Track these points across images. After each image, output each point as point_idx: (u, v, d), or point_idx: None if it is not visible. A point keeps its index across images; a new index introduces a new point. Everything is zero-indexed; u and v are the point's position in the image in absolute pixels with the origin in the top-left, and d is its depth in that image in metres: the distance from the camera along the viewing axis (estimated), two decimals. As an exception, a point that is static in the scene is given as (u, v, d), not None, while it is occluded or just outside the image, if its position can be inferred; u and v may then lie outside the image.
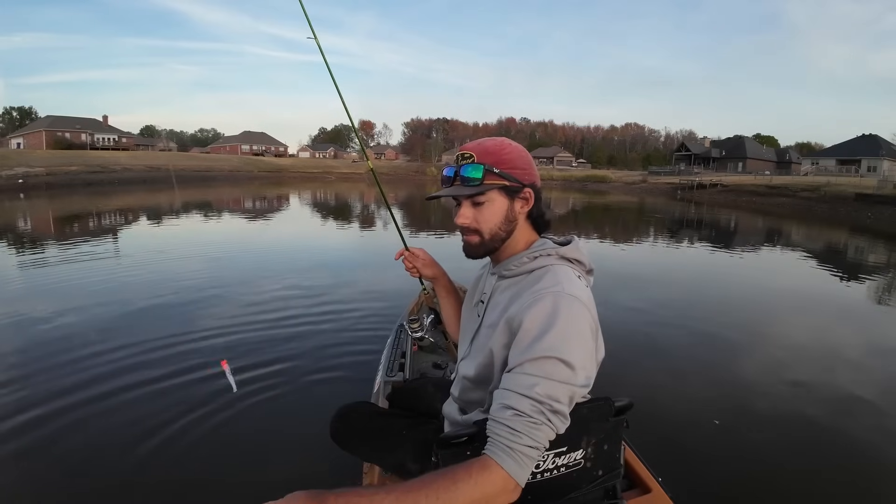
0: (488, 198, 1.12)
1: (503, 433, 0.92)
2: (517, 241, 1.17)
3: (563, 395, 0.94)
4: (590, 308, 1.03)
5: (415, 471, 1.31)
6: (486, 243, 1.15)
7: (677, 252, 11.12)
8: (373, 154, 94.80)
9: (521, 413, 0.92)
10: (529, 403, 0.93)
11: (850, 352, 4.42)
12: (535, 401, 0.93)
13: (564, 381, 0.94)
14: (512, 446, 0.91)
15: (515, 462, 0.90)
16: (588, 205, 28.50)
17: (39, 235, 10.65)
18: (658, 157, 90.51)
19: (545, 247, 1.14)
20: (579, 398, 1.04)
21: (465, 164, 1.13)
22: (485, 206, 1.13)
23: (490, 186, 1.11)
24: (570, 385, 0.95)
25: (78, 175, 32.72)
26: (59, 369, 3.40)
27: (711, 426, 2.94)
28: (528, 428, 0.91)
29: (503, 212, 1.13)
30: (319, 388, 3.26)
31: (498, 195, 1.12)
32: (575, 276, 1.09)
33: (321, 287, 5.98)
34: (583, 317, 1.00)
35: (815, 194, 27.19)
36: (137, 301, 5.04)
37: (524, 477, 0.92)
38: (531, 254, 1.13)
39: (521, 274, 1.13)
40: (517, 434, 0.91)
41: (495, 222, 1.13)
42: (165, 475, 2.36)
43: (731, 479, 2.43)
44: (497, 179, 1.11)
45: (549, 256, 1.12)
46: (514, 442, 0.91)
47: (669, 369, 3.80)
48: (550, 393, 0.93)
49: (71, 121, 61.88)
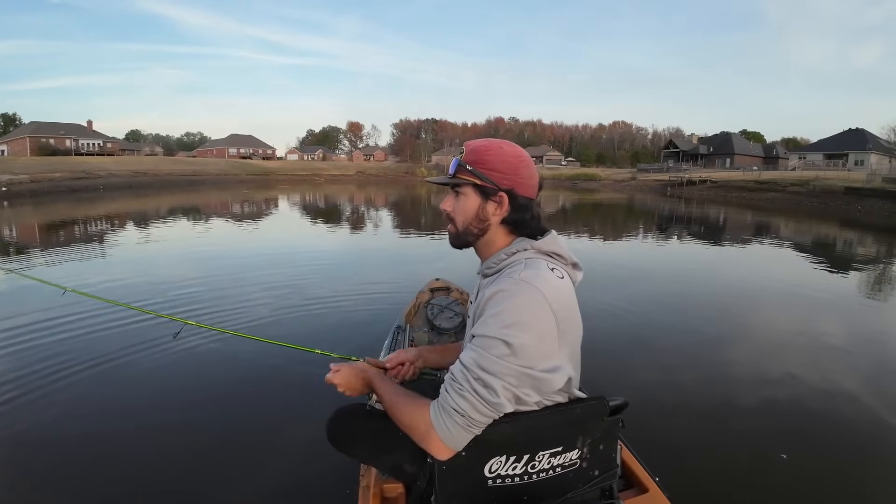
0: (464, 191, 1.22)
1: (442, 391, 1.09)
2: (494, 242, 1.24)
3: (496, 369, 1.02)
4: (548, 296, 1.06)
5: (411, 472, 1.31)
6: (459, 234, 1.25)
7: (669, 248, 11.18)
8: (361, 155, 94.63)
9: (453, 377, 1.08)
10: (460, 369, 1.07)
11: (857, 348, 4.42)
12: (464, 367, 1.06)
13: (499, 357, 1.02)
14: (441, 403, 1.08)
15: (439, 416, 1.07)
16: (579, 202, 28.62)
17: (26, 244, 10.49)
18: (646, 154, 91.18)
19: (522, 244, 1.20)
20: (551, 391, 1.09)
21: (455, 157, 1.24)
22: (461, 198, 1.23)
23: (462, 181, 1.21)
24: (508, 363, 1.02)
25: (62, 182, 32.28)
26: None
27: (709, 425, 2.94)
28: (454, 391, 1.06)
29: (475, 209, 1.21)
30: (316, 389, 3.23)
31: (472, 191, 1.21)
32: (545, 267, 1.12)
33: (319, 288, 5.97)
34: (534, 303, 1.04)
35: (805, 189, 27.44)
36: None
37: (448, 437, 1.06)
38: (509, 250, 1.19)
39: (498, 271, 1.18)
40: (446, 394, 1.07)
41: (467, 216, 1.22)
42: (162, 475, 2.35)
43: (729, 478, 2.43)
44: (468, 176, 1.20)
45: (526, 251, 1.17)
46: (443, 400, 1.07)
47: (665, 368, 3.79)
48: (481, 364, 1.03)
49: (55, 126, 61.36)
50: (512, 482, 1.16)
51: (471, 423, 1.04)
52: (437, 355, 1.58)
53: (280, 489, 2.26)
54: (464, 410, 1.04)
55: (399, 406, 1.19)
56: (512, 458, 1.14)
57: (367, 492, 1.52)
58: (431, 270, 5.52)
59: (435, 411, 1.09)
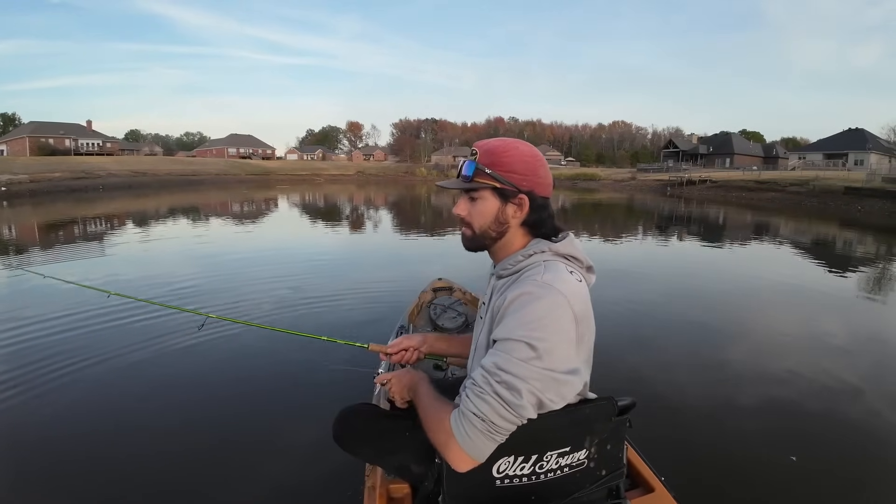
0: (481, 195, 1.17)
1: (462, 397, 1.05)
2: (512, 243, 1.20)
3: (521, 372, 0.98)
4: (570, 300, 1.04)
5: (418, 472, 1.31)
6: (476, 238, 1.21)
7: (669, 248, 11.18)
8: (361, 155, 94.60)
9: (474, 382, 1.03)
10: (480, 374, 1.03)
11: (860, 347, 4.40)
12: (486, 371, 1.02)
13: (522, 360, 0.98)
14: (462, 409, 1.03)
15: (459, 422, 1.02)
16: (578, 202, 28.60)
17: (25, 244, 10.48)
18: (646, 154, 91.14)
19: (539, 245, 1.16)
20: (572, 395, 1.07)
21: (467, 160, 1.19)
22: (478, 203, 1.18)
23: (480, 185, 1.16)
24: (533, 367, 0.98)
25: (62, 182, 32.26)
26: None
27: (713, 424, 2.93)
28: (474, 395, 1.01)
29: (494, 212, 1.17)
30: (321, 389, 3.24)
31: (490, 195, 1.16)
32: (565, 270, 1.11)
33: (320, 289, 5.96)
34: (558, 306, 1.02)
35: (805, 188, 27.43)
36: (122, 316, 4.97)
37: (468, 444, 1.01)
38: (526, 252, 1.16)
39: (516, 272, 1.15)
40: (466, 399, 1.03)
41: (485, 220, 1.18)
42: (165, 474, 2.35)
43: (734, 477, 2.42)
44: (487, 179, 1.15)
45: (543, 253, 1.15)
46: (463, 405, 1.03)
47: (668, 367, 3.79)
48: (505, 367, 0.99)
49: (55, 126, 61.31)
50: (520, 482, 1.15)
51: (492, 428, 1.00)
52: (444, 343, 1.59)
53: (284, 489, 2.25)
54: (484, 415, 0.99)
55: (426, 411, 1.16)
56: (520, 459, 1.13)
57: (373, 492, 1.51)
58: (433, 270, 5.51)
59: (455, 418, 1.04)
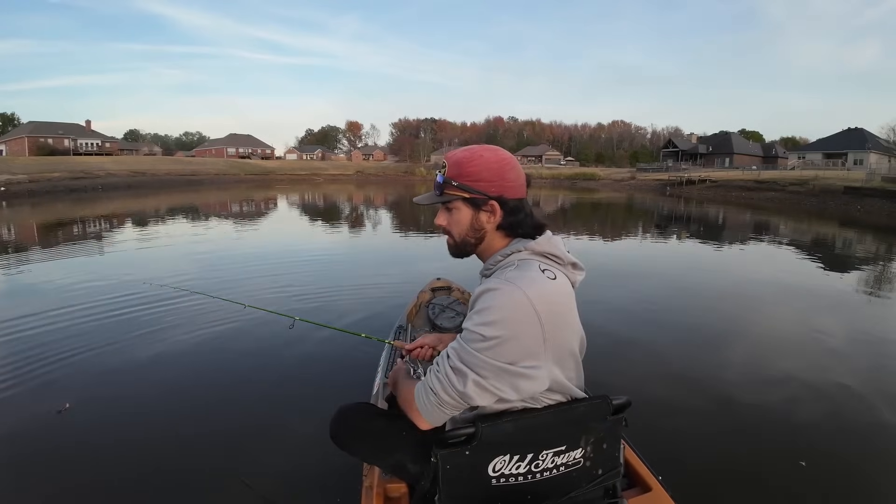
0: (455, 206, 1.24)
1: (427, 372, 1.18)
2: (492, 246, 1.26)
3: (471, 360, 1.07)
4: (532, 297, 1.07)
5: (415, 472, 1.32)
6: (458, 245, 1.28)
7: (668, 247, 11.18)
8: (360, 155, 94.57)
9: (436, 361, 1.16)
10: (443, 354, 1.15)
11: (860, 347, 4.38)
12: (447, 353, 1.13)
13: (475, 350, 1.06)
14: (423, 379, 1.18)
15: (420, 390, 1.17)
16: (578, 202, 28.61)
17: (25, 244, 10.47)
18: (645, 153, 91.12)
19: (517, 245, 1.22)
20: (533, 390, 1.11)
21: (439, 173, 1.25)
22: (453, 213, 1.25)
23: (451, 197, 1.22)
24: (483, 357, 1.06)
25: (61, 182, 32.19)
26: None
27: (711, 423, 2.93)
28: (432, 372, 1.15)
29: (468, 220, 1.23)
30: (319, 388, 3.24)
31: (462, 205, 1.23)
32: (536, 268, 1.14)
33: (318, 289, 5.96)
34: (515, 301, 1.07)
35: (804, 188, 27.45)
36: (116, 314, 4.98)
37: (424, 409, 1.15)
38: (505, 252, 1.22)
39: (496, 271, 1.21)
40: (428, 375, 1.16)
41: (462, 228, 1.25)
42: (162, 472, 2.35)
43: (731, 476, 2.42)
44: (456, 191, 1.21)
45: (520, 252, 1.19)
46: (425, 380, 1.17)
47: (666, 366, 3.79)
48: (459, 353, 1.10)
49: (54, 126, 61.35)
50: (516, 481, 1.16)
51: (440, 402, 1.12)
52: None
53: (281, 488, 2.25)
54: (435, 391, 1.12)
55: (400, 385, 1.35)
56: (516, 458, 1.14)
57: (370, 491, 1.52)
58: (432, 269, 5.51)
59: (418, 388, 1.19)
